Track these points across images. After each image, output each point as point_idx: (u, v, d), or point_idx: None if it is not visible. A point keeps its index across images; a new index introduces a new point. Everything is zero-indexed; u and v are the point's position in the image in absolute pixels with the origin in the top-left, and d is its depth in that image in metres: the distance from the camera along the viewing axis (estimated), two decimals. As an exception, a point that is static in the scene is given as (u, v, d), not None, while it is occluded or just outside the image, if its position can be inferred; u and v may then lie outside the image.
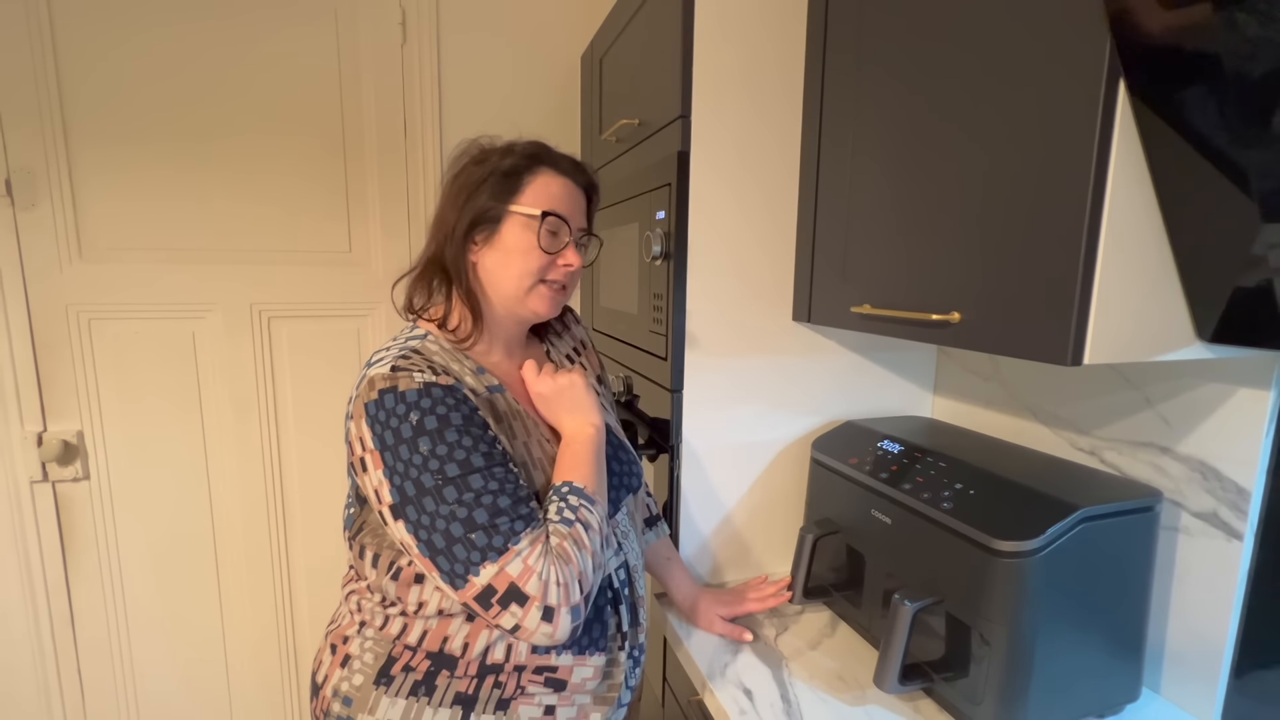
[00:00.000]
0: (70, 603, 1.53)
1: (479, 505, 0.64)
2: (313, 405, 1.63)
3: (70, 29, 1.35)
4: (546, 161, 0.78)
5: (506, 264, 0.77)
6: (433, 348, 0.75)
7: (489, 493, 0.65)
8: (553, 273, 0.78)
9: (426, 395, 0.67)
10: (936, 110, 0.77)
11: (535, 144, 0.79)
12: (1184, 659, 0.82)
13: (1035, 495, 0.78)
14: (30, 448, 1.44)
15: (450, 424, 0.66)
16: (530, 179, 0.77)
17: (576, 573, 0.65)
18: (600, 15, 1.64)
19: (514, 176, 0.76)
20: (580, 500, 0.70)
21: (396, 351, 0.72)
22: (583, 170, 0.82)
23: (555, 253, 0.77)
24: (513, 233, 0.76)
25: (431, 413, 0.66)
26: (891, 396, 1.20)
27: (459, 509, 0.64)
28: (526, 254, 0.76)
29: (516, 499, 0.66)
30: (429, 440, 0.65)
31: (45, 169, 1.37)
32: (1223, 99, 0.50)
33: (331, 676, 0.77)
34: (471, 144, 0.81)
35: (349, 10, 1.51)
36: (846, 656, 0.95)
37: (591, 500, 0.71)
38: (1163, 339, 0.65)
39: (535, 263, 0.76)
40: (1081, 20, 0.58)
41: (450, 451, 0.65)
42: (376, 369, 0.70)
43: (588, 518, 0.69)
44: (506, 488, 0.66)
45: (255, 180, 1.50)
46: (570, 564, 0.65)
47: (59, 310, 1.42)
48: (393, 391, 0.67)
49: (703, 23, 0.98)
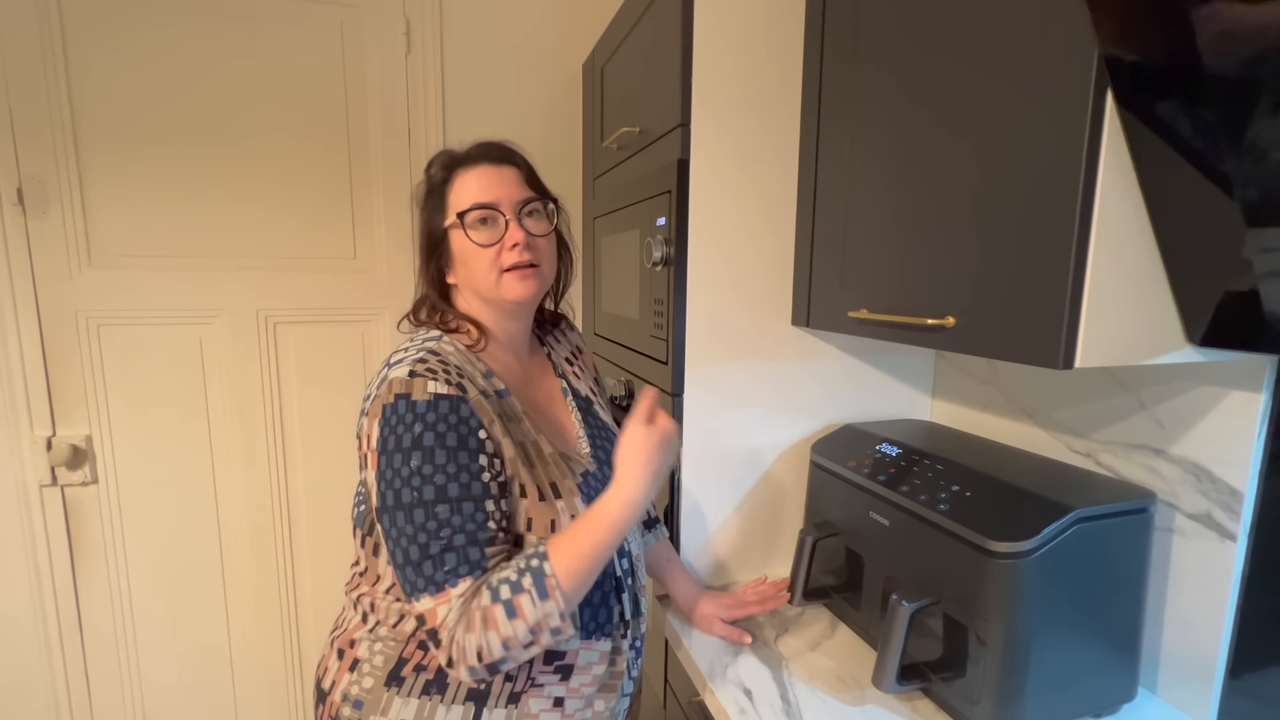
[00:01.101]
0: (78, 605, 1.55)
1: (436, 537, 0.66)
2: (318, 409, 1.64)
3: (82, 41, 1.38)
4: (457, 164, 0.79)
5: (469, 272, 0.79)
6: (448, 349, 0.76)
7: (449, 526, 0.67)
8: (505, 258, 0.77)
9: (433, 409, 0.68)
10: (931, 119, 0.79)
11: (445, 152, 0.81)
12: (1180, 659, 0.83)
13: (1030, 497, 0.79)
14: (40, 452, 1.46)
15: (444, 444, 0.68)
16: (450, 188, 0.79)
17: (477, 645, 0.64)
18: (601, 25, 1.66)
19: (438, 195, 0.79)
20: (532, 586, 0.65)
21: (415, 353, 0.73)
22: (493, 147, 0.81)
23: (497, 241, 0.77)
24: (458, 244, 0.78)
25: (431, 429, 0.68)
26: (890, 400, 1.21)
27: (420, 534, 0.66)
28: (476, 255, 0.77)
29: (472, 540, 0.67)
30: (420, 456, 0.67)
31: (56, 178, 1.40)
32: (1205, 109, 0.52)
33: (340, 681, 0.78)
34: None
35: (354, 22, 1.54)
36: (846, 657, 0.96)
37: (545, 594, 0.65)
38: (1154, 343, 0.67)
39: (486, 259, 0.77)
40: (1070, 34, 0.60)
41: (432, 474, 0.67)
42: (397, 371, 0.71)
43: (522, 606, 0.64)
44: (467, 527, 0.67)
45: (261, 188, 1.53)
46: (473, 633, 0.65)
47: (69, 316, 1.45)
48: (405, 398, 0.68)
49: (702, 33, 1.00)
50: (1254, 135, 0.50)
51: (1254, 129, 0.49)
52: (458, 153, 0.81)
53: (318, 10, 1.51)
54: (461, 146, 0.82)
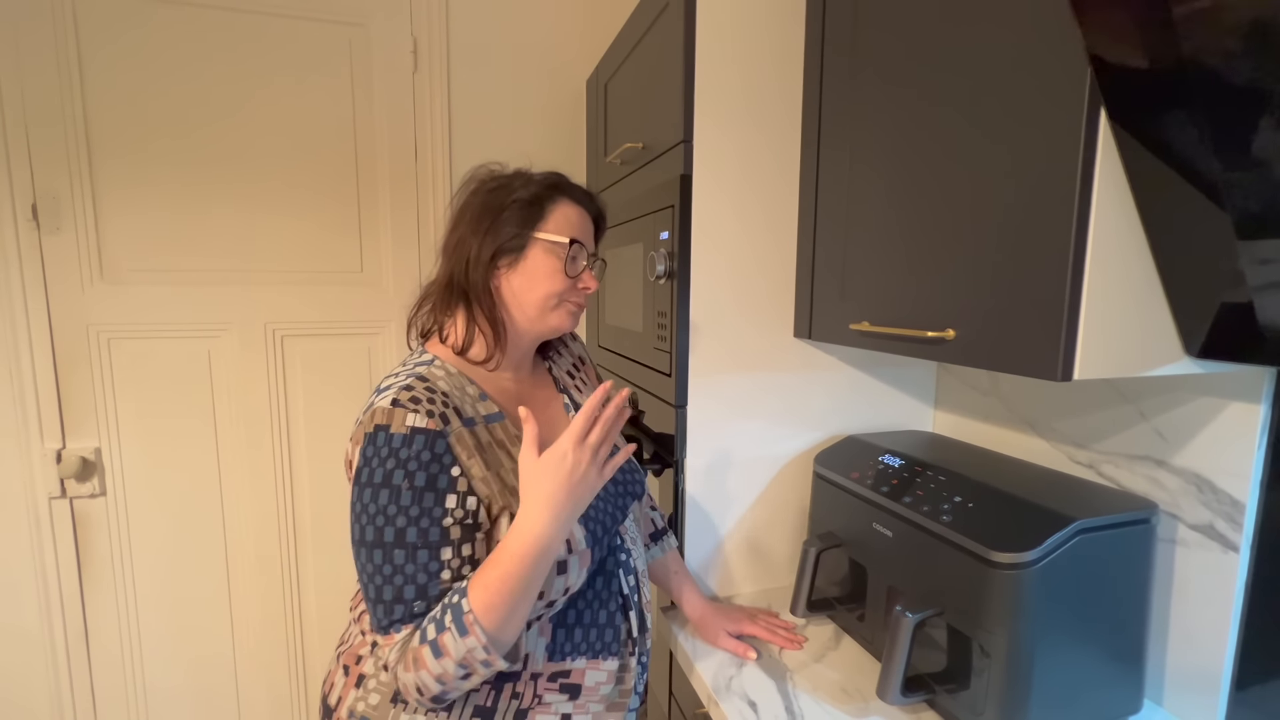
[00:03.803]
0: (85, 617, 1.55)
1: (390, 582, 0.68)
2: (324, 423, 1.66)
3: (97, 61, 1.41)
4: (565, 191, 0.83)
5: (532, 287, 0.80)
6: (439, 373, 0.76)
7: (401, 574, 0.68)
8: (574, 295, 0.82)
9: (407, 445, 0.69)
10: (929, 135, 0.80)
11: (553, 174, 0.84)
12: (1185, 671, 0.83)
13: (1033, 508, 0.79)
14: (50, 464, 1.47)
15: (413, 484, 0.68)
16: (552, 207, 0.81)
17: (415, 682, 0.67)
18: (605, 42, 1.69)
19: (537, 205, 0.80)
20: (452, 623, 0.65)
21: (402, 380, 0.73)
22: (594, 200, 0.87)
23: (576, 276, 0.82)
24: (538, 258, 0.80)
25: (402, 466, 0.68)
26: (893, 411, 1.22)
27: (376, 575, 0.69)
28: (551, 277, 0.80)
29: (420, 593, 0.68)
30: (388, 494, 0.68)
31: (70, 194, 1.42)
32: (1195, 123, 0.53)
33: (346, 698, 0.78)
34: (482, 169, 0.84)
35: (363, 40, 1.57)
36: (850, 669, 0.96)
37: (464, 630, 0.65)
38: (1152, 354, 0.67)
39: (559, 285, 0.80)
40: (1062, 51, 0.61)
41: (395, 514, 0.68)
42: (381, 400, 0.71)
43: (445, 644, 0.65)
44: (418, 578, 0.68)
45: (270, 203, 1.55)
46: (410, 671, 0.67)
47: (80, 330, 1.47)
48: (384, 430, 0.69)
49: (704, 50, 1.02)
50: (1244, 149, 0.51)
51: (1244, 142, 0.50)
52: (568, 180, 0.85)
53: (327, 30, 1.54)
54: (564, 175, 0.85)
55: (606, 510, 0.81)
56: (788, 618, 1.08)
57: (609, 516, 0.81)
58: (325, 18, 1.53)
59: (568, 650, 0.77)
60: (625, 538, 0.84)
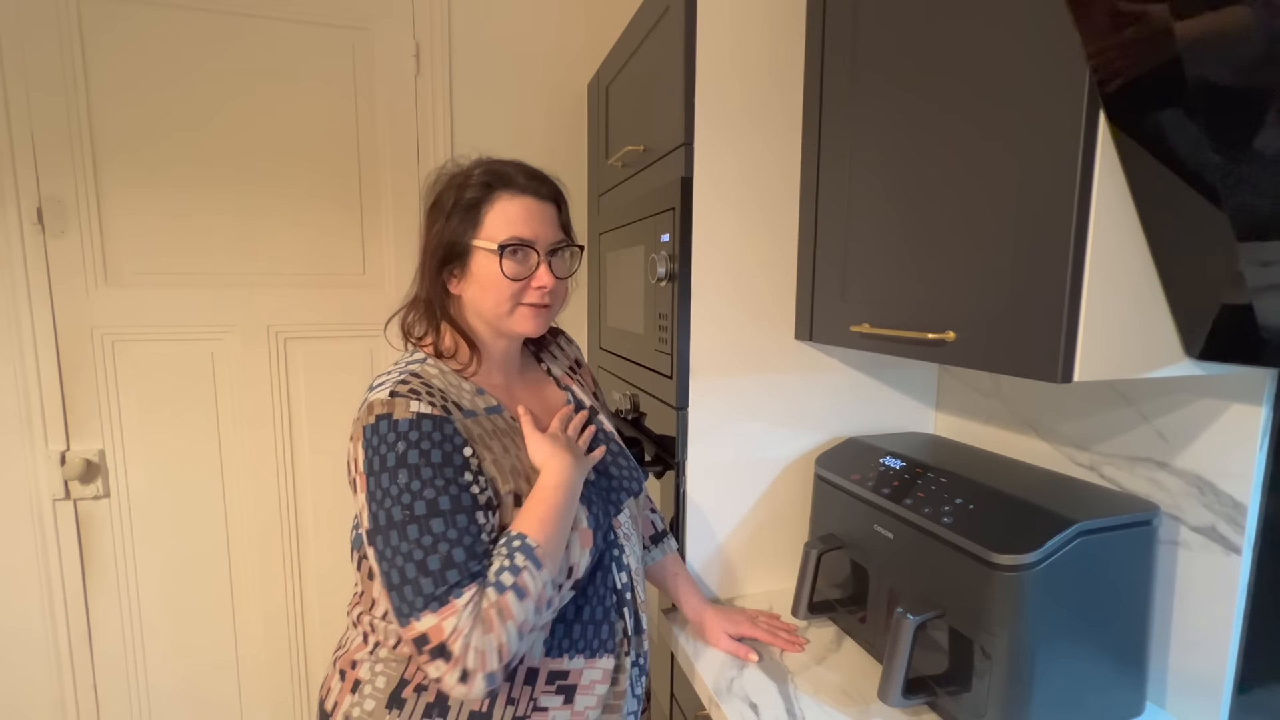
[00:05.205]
0: (88, 619, 1.56)
1: (434, 551, 0.66)
2: (327, 425, 1.66)
3: (102, 66, 1.42)
4: (501, 185, 0.77)
5: (483, 294, 0.78)
6: (432, 370, 0.77)
7: (446, 540, 0.66)
8: (528, 295, 0.78)
9: (416, 427, 0.68)
10: (929, 137, 0.80)
11: (490, 169, 0.78)
12: (1187, 673, 0.83)
13: (1034, 509, 0.79)
14: (54, 466, 1.48)
15: (429, 460, 0.68)
16: (488, 208, 0.76)
17: (497, 643, 0.64)
18: (606, 45, 1.70)
19: (473, 209, 0.76)
20: (526, 561, 0.67)
21: (397, 376, 0.74)
22: (542, 180, 0.80)
23: (526, 278, 0.77)
24: (480, 265, 0.77)
25: (416, 446, 0.68)
26: (894, 413, 1.22)
27: (416, 550, 0.66)
28: (497, 283, 0.76)
29: (471, 553, 0.67)
30: (407, 474, 0.67)
31: (75, 198, 1.43)
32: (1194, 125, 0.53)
33: (342, 703, 0.77)
34: (438, 171, 0.82)
35: (365, 44, 1.57)
36: (851, 671, 0.96)
37: (539, 563, 0.68)
38: (1152, 356, 0.67)
39: (507, 290, 0.77)
40: (1061, 53, 0.61)
41: (422, 489, 0.67)
42: (377, 394, 0.71)
43: (526, 583, 0.67)
44: (465, 539, 0.67)
45: (273, 206, 1.56)
46: (492, 632, 0.64)
47: (84, 333, 1.47)
48: (387, 418, 0.69)
49: (705, 53, 1.02)
50: (1244, 149, 0.51)
51: (1243, 143, 0.51)
52: (505, 170, 0.78)
53: (330, 34, 1.54)
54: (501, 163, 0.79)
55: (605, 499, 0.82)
56: (789, 620, 1.08)
57: (610, 504, 0.83)
58: (328, 22, 1.54)
59: (565, 647, 0.77)
60: (619, 533, 0.84)
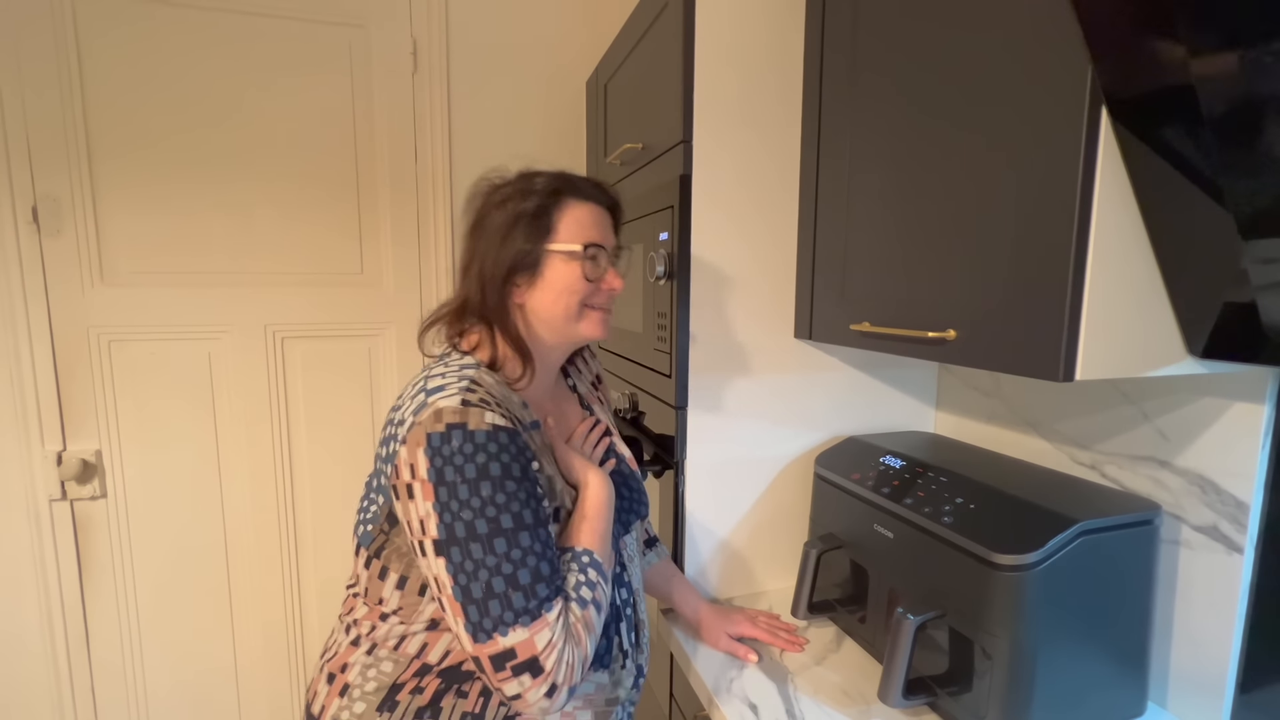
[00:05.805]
0: (85, 620, 1.55)
1: (524, 565, 0.65)
2: (325, 424, 1.65)
3: (97, 63, 1.41)
4: (569, 192, 0.78)
5: (555, 300, 0.77)
6: (488, 379, 0.74)
7: (534, 554, 0.66)
8: (598, 298, 0.79)
9: (494, 440, 0.66)
10: (929, 135, 0.80)
11: (555, 177, 0.79)
12: (1189, 673, 0.82)
13: (1035, 509, 0.79)
14: (50, 467, 1.47)
15: (511, 474, 0.66)
16: (559, 214, 0.77)
17: (584, 655, 0.66)
18: (605, 42, 1.69)
19: (543, 216, 0.76)
20: (599, 576, 0.71)
21: (459, 381, 0.70)
22: (604, 190, 0.82)
23: (599, 279, 0.78)
24: (555, 270, 0.76)
25: (496, 459, 0.66)
26: (894, 412, 1.21)
27: (504, 564, 0.64)
28: (570, 288, 0.77)
29: (554, 567, 0.68)
30: (490, 486, 0.65)
31: (70, 197, 1.42)
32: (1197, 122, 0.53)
33: (329, 706, 0.76)
34: (483, 182, 0.80)
35: (363, 42, 1.56)
36: (851, 671, 0.95)
37: (606, 577, 0.72)
38: (1154, 355, 0.67)
39: (580, 295, 0.77)
40: (1063, 51, 0.60)
41: (508, 502, 0.65)
42: (445, 400, 0.67)
43: (601, 599, 0.70)
44: (548, 553, 0.67)
45: (270, 204, 1.55)
46: (580, 646, 0.66)
47: (80, 333, 1.47)
48: (462, 429, 0.65)
49: (703, 50, 1.02)
50: (1247, 146, 0.50)
51: (1247, 140, 0.50)
52: (571, 178, 0.79)
53: (327, 31, 1.54)
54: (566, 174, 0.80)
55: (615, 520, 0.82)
56: (788, 620, 1.07)
57: (619, 525, 0.82)
58: (325, 19, 1.53)
59: None
60: (624, 554, 0.84)
